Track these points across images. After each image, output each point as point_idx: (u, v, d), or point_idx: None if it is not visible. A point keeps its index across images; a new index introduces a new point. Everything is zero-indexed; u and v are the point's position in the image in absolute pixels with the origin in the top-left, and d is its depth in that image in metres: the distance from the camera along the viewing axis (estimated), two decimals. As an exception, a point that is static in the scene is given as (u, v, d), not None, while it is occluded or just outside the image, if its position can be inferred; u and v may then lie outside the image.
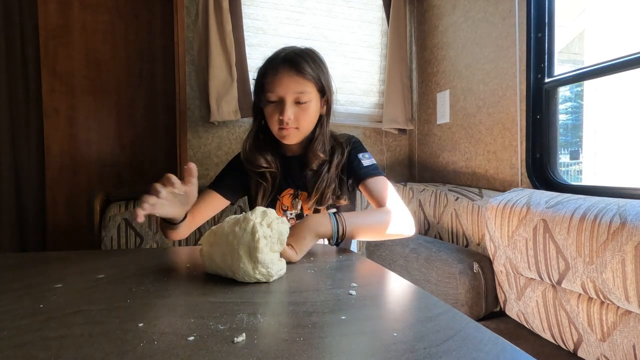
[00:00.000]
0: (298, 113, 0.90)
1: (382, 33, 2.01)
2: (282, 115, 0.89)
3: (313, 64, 0.91)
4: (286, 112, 0.89)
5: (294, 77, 0.89)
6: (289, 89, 0.89)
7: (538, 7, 1.31)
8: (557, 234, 0.92)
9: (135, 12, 1.98)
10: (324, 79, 0.93)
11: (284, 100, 0.89)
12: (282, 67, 0.89)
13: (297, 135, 0.94)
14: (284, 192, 0.99)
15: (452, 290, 1.18)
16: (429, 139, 1.95)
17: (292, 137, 0.93)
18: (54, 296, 0.49)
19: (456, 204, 1.42)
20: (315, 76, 0.91)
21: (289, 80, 0.89)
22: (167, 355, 0.34)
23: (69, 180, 1.93)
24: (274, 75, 0.89)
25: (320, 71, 0.92)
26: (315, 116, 0.95)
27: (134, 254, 0.81)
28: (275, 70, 0.90)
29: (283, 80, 0.89)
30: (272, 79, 0.90)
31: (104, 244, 1.40)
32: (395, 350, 0.35)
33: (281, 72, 0.89)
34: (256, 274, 0.55)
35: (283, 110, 0.89)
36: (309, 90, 0.90)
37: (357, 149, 1.00)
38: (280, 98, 0.90)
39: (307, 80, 0.90)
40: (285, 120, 0.89)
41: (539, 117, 1.32)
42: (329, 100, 0.96)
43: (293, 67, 0.89)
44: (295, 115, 0.90)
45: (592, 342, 0.88)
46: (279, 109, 0.90)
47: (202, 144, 1.77)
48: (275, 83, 0.89)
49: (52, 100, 1.89)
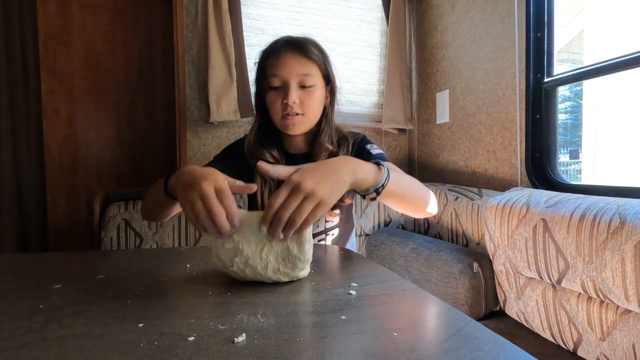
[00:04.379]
0: (303, 97, 0.84)
1: (382, 33, 2.01)
2: (286, 99, 0.83)
3: (316, 48, 0.88)
4: (290, 95, 0.83)
5: (297, 59, 0.84)
6: (292, 71, 0.83)
7: (537, 7, 1.31)
8: (556, 234, 0.92)
9: (135, 12, 1.98)
10: (328, 65, 0.89)
11: (287, 83, 0.84)
12: (285, 49, 0.84)
13: (303, 123, 0.87)
14: None
15: (452, 290, 1.18)
16: (429, 138, 1.95)
17: (297, 125, 0.86)
18: (54, 296, 0.49)
19: (456, 204, 1.42)
20: (320, 59, 0.87)
21: (292, 61, 0.83)
22: (167, 355, 0.34)
23: (69, 180, 1.93)
24: (277, 57, 0.84)
25: (324, 57, 0.89)
26: (321, 104, 0.90)
27: (134, 254, 0.81)
28: (277, 53, 0.84)
29: (287, 62, 0.83)
30: (274, 61, 0.84)
31: (104, 244, 1.40)
32: (395, 350, 0.35)
33: (284, 54, 0.84)
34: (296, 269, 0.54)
35: (287, 94, 0.83)
36: (314, 72, 0.85)
37: (364, 141, 0.95)
38: (284, 82, 0.84)
39: (312, 62, 0.85)
40: (290, 104, 0.83)
41: (538, 116, 1.32)
42: (333, 90, 0.91)
43: (297, 48, 0.84)
44: (300, 99, 0.84)
45: (592, 342, 0.88)
46: (282, 93, 0.84)
47: (201, 144, 1.77)
48: (278, 65, 0.84)
49: (52, 101, 1.89)
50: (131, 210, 1.42)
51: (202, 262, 0.67)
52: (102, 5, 1.94)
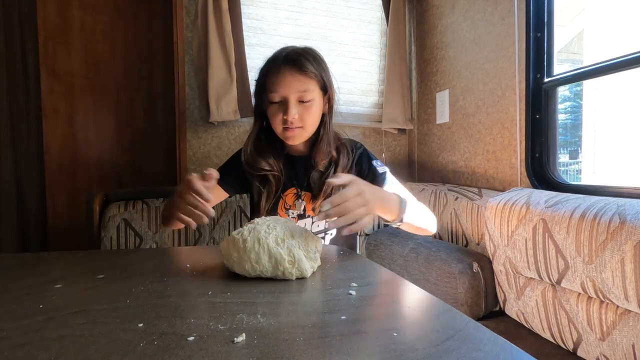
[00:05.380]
0: (302, 112, 0.90)
1: (382, 33, 2.01)
2: (286, 115, 0.89)
3: (314, 62, 0.91)
4: (290, 112, 0.88)
5: (296, 76, 0.89)
6: (291, 88, 0.88)
7: (537, 7, 1.31)
8: (556, 234, 0.92)
9: (135, 12, 1.98)
10: (325, 76, 0.93)
11: (287, 99, 0.89)
12: (284, 67, 0.89)
13: (302, 135, 0.94)
14: (288, 191, 0.99)
15: (452, 290, 1.18)
16: (429, 138, 1.95)
17: (297, 137, 0.93)
18: (54, 296, 0.49)
19: (456, 204, 1.42)
20: (318, 74, 0.91)
21: (291, 79, 0.88)
22: (167, 355, 0.34)
23: (69, 180, 1.93)
24: (276, 75, 0.89)
25: (321, 69, 0.93)
26: (319, 115, 0.95)
27: (134, 254, 0.81)
28: (277, 70, 0.89)
29: (286, 80, 0.89)
30: (274, 79, 0.89)
31: (104, 244, 1.40)
32: (395, 350, 0.35)
33: (283, 72, 0.89)
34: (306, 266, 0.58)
35: (287, 110, 0.89)
36: (312, 88, 0.90)
37: (368, 156, 1.02)
38: (284, 98, 0.89)
39: (309, 79, 0.90)
40: (290, 120, 0.89)
41: (538, 116, 1.32)
42: (330, 98, 0.96)
43: (295, 65, 0.89)
44: (299, 114, 0.90)
45: (592, 342, 0.88)
46: (282, 109, 0.90)
47: (201, 144, 1.77)
48: (277, 83, 0.89)
49: (51, 101, 1.89)
50: (131, 210, 1.42)
51: (202, 262, 0.67)
52: (102, 5, 1.93)
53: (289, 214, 0.99)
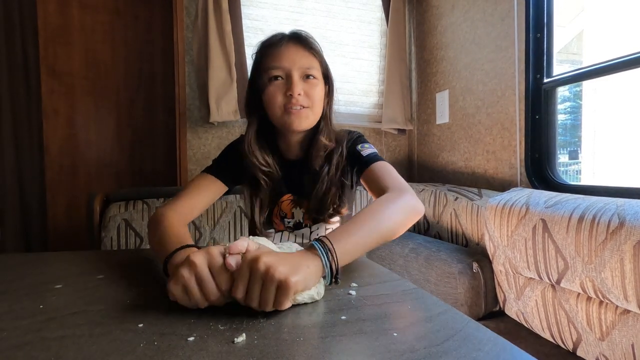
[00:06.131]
0: (307, 89, 0.79)
1: (382, 33, 2.01)
2: (290, 91, 0.77)
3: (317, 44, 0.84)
4: (295, 86, 0.77)
5: (300, 51, 0.80)
6: (295, 62, 0.78)
7: (537, 8, 1.31)
8: (556, 234, 0.92)
9: (135, 12, 1.98)
10: (326, 65, 0.86)
11: (290, 74, 0.78)
12: (287, 41, 0.81)
13: (308, 116, 0.81)
14: (283, 198, 0.91)
15: (452, 290, 1.18)
16: (428, 139, 1.95)
17: (302, 119, 0.80)
18: (54, 296, 0.49)
19: (455, 204, 1.42)
20: (321, 57, 0.83)
21: (295, 52, 0.79)
22: (167, 356, 0.34)
23: (69, 180, 1.93)
24: (278, 48, 0.80)
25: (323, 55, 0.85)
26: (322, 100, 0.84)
27: (134, 254, 0.81)
28: (279, 44, 0.80)
29: (289, 53, 0.79)
30: (276, 52, 0.79)
31: (104, 244, 1.40)
32: (395, 350, 0.35)
33: (286, 45, 0.80)
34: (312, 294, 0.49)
35: (291, 85, 0.77)
36: (316, 66, 0.81)
37: (355, 142, 0.88)
38: (286, 73, 0.78)
39: (314, 57, 0.81)
40: (295, 96, 0.77)
41: (537, 117, 1.32)
42: (330, 90, 0.87)
43: (299, 41, 0.81)
44: (305, 91, 0.79)
45: (591, 342, 0.88)
46: (283, 86, 0.79)
47: (201, 144, 1.77)
48: (280, 56, 0.79)
49: (52, 101, 1.89)
50: (131, 210, 1.42)
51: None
52: (102, 5, 1.94)
53: (284, 222, 0.91)
